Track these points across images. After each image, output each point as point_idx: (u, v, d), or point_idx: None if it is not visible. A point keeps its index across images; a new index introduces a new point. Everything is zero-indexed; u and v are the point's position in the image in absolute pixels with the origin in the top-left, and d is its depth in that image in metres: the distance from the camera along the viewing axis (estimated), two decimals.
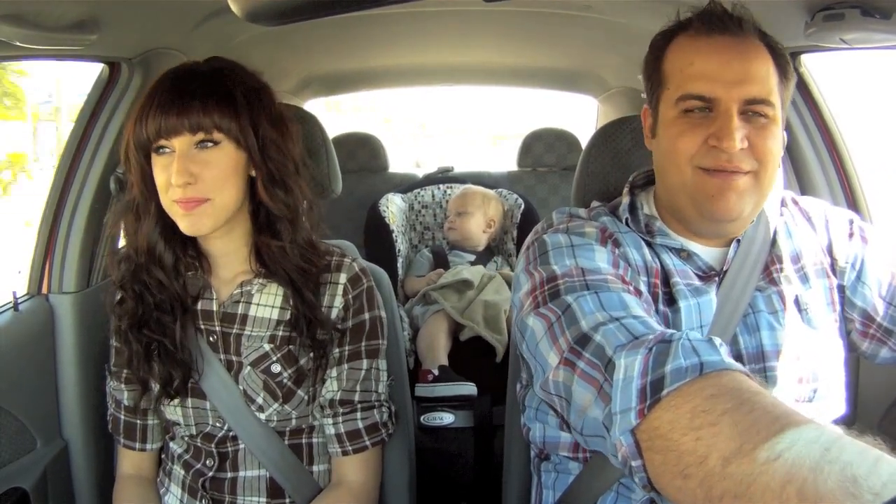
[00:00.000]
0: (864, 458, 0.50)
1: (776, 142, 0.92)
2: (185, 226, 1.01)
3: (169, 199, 1.01)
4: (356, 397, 1.11)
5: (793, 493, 0.50)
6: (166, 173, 0.99)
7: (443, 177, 2.73)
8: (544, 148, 2.75)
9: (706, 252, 1.00)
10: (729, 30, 0.91)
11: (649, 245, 0.99)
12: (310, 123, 1.26)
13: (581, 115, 3.32)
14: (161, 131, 0.98)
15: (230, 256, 1.11)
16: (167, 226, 1.05)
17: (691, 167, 0.92)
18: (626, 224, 1.00)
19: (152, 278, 1.07)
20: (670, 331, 0.73)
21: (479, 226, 2.40)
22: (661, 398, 0.64)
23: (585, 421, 0.74)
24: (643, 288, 0.93)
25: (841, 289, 1.02)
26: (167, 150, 1.00)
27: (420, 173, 2.88)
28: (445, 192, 2.61)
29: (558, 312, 0.82)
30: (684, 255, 0.99)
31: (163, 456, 1.19)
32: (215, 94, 1.00)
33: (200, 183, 0.99)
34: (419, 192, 2.61)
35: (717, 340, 0.69)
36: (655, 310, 0.93)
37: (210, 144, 1.00)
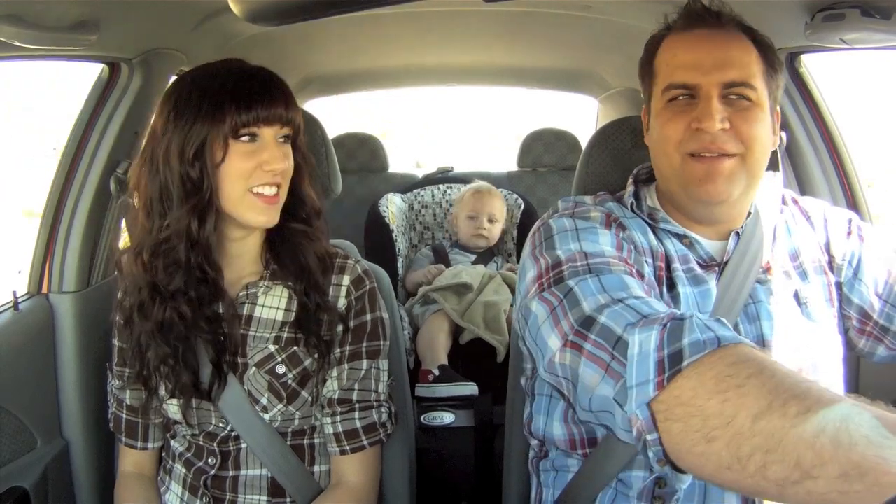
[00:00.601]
0: (888, 413, 0.53)
1: (761, 125, 0.94)
2: (264, 219, 1.03)
3: (244, 189, 1.00)
4: (354, 396, 1.11)
5: (826, 441, 0.51)
6: (253, 160, 0.99)
7: (442, 177, 2.73)
8: (544, 148, 2.75)
9: (707, 244, 1.01)
10: (707, 23, 0.96)
11: (654, 230, 1.01)
12: (310, 123, 1.27)
13: (580, 118, 3.32)
14: (260, 118, 0.99)
15: (243, 258, 1.11)
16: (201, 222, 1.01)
17: (679, 154, 0.95)
18: (632, 209, 1.03)
19: (175, 267, 1.02)
20: (679, 311, 0.74)
21: (499, 231, 2.43)
22: (682, 369, 0.65)
23: (593, 399, 0.75)
24: (647, 270, 0.95)
25: (839, 286, 1.04)
26: (253, 137, 1.00)
27: (420, 173, 2.89)
28: (445, 192, 2.61)
29: (560, 297, 0.84)
30: (686, 241, 1.01)
31: (163, 454, 1.19)
32: (286, 92, 1.03)
33: (283, 174, 1.02)
34: (419, 192, 2.61)
35: (723, 320, 0.70)
36: (659, 293, 0.95)
37: (285, 139, 1.03)
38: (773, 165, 1.25)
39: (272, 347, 1.09)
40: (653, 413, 0.66)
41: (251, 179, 1.00)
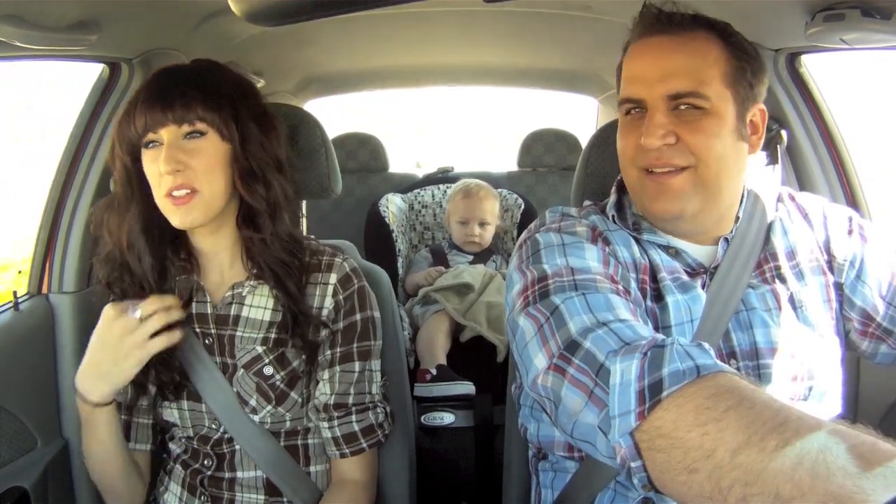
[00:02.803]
0: (866, 438, 0.54)
1: (711, 135, 0.90)
2: (178, 220, 1.02)
3: (161, 194, 1.01)
4: (350, 400, 1.11)
5: (804, 473, 0.52)
6: (156, 164, 1.00)
7: (443, 177, 2.73)
8: (544, 148, 2.75)
9: (695, 249, 1.00)
10: (661, 29, 0.93)
11: (637, 241, 1.00)
12: (309, 123, 1.26)
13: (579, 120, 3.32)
14: (148, 125, 1.00)
15: (221, 256, 1.11)
16: (150, 224, 1.06)
17: (635, 169, 0.94)
18: (614, 221, 1.01)
19: (134, 277, 1.07)
20: (661, 336, 0.74)
21: (492, 232, 2.42)
22: (662, 399, 0.65)
23: (576, 425, 0.75)
24: (632, 285, 0.94)
25: (838, 286, 1.02)
26: (156, 143, 1.01)
27: (420, 173, 2.89)
28: (445, 192, 2.60)
29: (547, 314, 0.83)
30: (672, 251, 0.99)
31: (164, 455, 1.19)
32: (197, 87, 1.02)
33: (189, 171, 1.00)
34: (419, 192, 2.61)
35: (706, 345, 0.70)
36: (644, 306, 0.94)
37: (197, 135, 1.01)
38: (773, 159, 1.24)
39: (260, 349, 1.09)
40: (636, 442, 0.66)
41: (162, 181, 1.00)
